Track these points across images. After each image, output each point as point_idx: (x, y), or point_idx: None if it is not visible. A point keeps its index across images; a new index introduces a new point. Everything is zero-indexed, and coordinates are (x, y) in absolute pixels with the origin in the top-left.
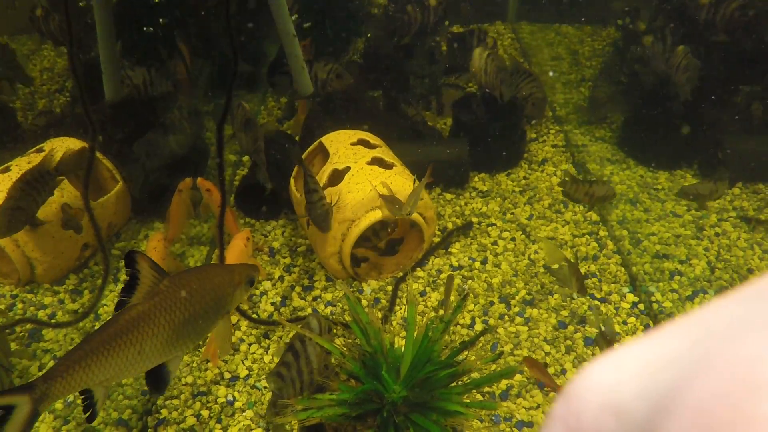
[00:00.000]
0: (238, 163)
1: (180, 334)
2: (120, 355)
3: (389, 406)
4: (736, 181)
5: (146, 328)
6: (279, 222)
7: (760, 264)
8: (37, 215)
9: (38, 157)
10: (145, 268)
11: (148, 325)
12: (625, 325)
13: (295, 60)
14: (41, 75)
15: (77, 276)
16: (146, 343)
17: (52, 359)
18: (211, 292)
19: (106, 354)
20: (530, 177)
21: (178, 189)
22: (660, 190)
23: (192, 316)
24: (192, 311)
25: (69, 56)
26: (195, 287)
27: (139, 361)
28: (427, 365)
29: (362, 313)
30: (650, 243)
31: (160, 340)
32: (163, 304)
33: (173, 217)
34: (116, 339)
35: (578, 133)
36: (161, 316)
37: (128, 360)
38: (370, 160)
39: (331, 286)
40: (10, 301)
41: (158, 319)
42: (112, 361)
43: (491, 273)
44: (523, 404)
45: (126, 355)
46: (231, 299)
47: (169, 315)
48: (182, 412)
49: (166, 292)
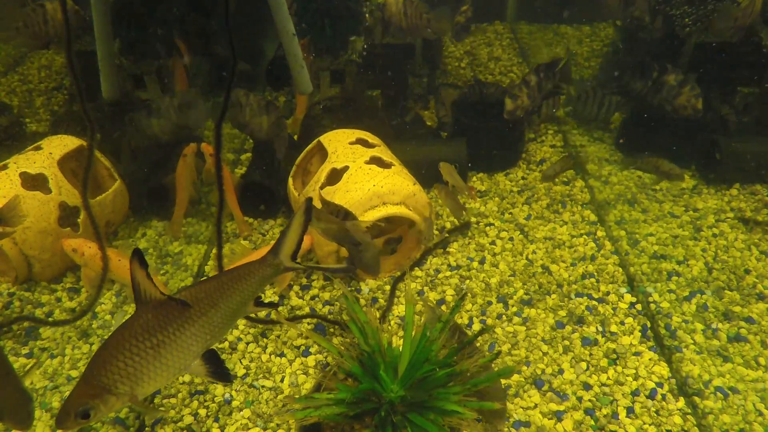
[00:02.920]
0: (237, 161)
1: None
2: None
3: (387, 406)
4: (734, 182)
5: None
6: (277, 221)
7: (758, 265)
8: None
9: (36, 154)
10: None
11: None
12: (623, 326)
13: (294, 59)
14: (39, 73)
15: (74, 274)
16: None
17: (49, 357)
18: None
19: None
20: (528, 177)
21: (183, 154)
22: (658, 191)
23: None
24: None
25: (67, 54)
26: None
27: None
28: (425, 365)
29: (360, 313)
30: (648, 243)
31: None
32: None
33: (179, 180)
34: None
35: (576, 134)
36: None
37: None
38: (369, 159)
39: (329, 285)
40: (7, 299)
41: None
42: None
43: (489, 273)
44: (520, 404)
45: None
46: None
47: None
48: (179, 411)
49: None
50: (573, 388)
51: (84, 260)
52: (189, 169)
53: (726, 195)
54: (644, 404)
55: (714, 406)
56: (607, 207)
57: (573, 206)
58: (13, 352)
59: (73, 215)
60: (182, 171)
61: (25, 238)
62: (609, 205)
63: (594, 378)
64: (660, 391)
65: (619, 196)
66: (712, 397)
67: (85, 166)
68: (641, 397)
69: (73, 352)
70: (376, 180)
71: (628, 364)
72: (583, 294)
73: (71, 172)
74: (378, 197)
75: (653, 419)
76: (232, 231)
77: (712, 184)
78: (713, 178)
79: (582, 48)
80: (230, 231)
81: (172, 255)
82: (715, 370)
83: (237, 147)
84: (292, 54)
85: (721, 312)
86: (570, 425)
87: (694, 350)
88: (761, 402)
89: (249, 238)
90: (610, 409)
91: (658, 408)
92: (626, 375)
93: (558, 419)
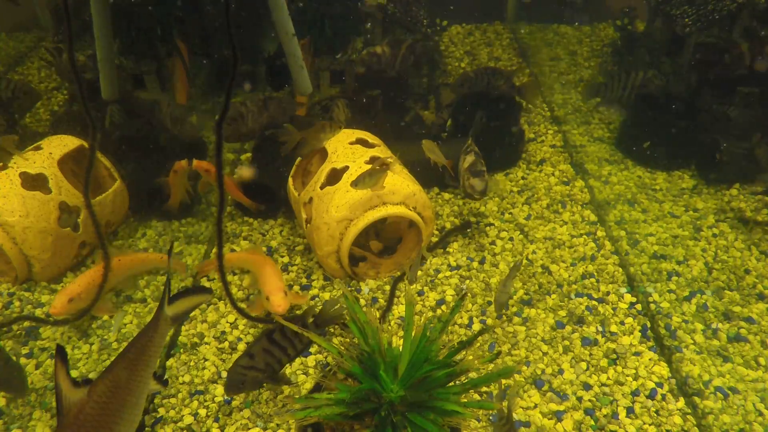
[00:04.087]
0: (237, 161)
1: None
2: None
3: (387, 406)
4: (734, 182)
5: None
6: (277, 221)
7: (758, 265)
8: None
9: (36, 154)
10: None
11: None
12: (623, 326)
13: (293, 59)
14: (39, 72)
15: (74, 274)
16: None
17: (49, 357)
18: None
19: None
20: (528, 177)
21: (173, 170)
22: (658, 191)
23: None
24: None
25: (69, 54)
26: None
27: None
28: (425, 365)
29: (360, 313)
30: (648, 243)
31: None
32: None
33: (172, 190)
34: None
35: (576, 134)
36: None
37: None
38: (369, 159)
39: (329, 285)
40: (7, 299)
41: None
42: None
43: (489, 273)
44: (520, 404)
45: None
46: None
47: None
48: (179, 411)
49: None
50: (573, 388)
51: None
52: (180, 181)
53: (726, 195)
54: (644, 404)
55: (714, 406)
56: (607, 207)
57: (573, 206)
58: (13, 352)
59: (73, 215)
60: (174, 182)
61: (25, 238)
62: (609, 205)
63: (594, 378)
64: (660, 391)
65: (619, 196)
66: (712, 397)
67: (87, 166)
68: (641, 397)
69: (73, 352)
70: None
71: (628, 364)
72: (583, 294)
73: (71, 172)
74: (378, 197)
75: (653, 419)
76: (232, 231)
77: (712, 184)
78: (713, 178)
79: (582, 48)
80: (230, 231)
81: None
82: (715, 370)
83: (237, 147)
84: (292, 54)
85: (721, 312)
86: (570, 425)
87: (694, 350)
88: (761, 402)
89: (249, 238)
90: (610, 409)
91: (658, 408)
92: (626, 375)
93: (558, 419)
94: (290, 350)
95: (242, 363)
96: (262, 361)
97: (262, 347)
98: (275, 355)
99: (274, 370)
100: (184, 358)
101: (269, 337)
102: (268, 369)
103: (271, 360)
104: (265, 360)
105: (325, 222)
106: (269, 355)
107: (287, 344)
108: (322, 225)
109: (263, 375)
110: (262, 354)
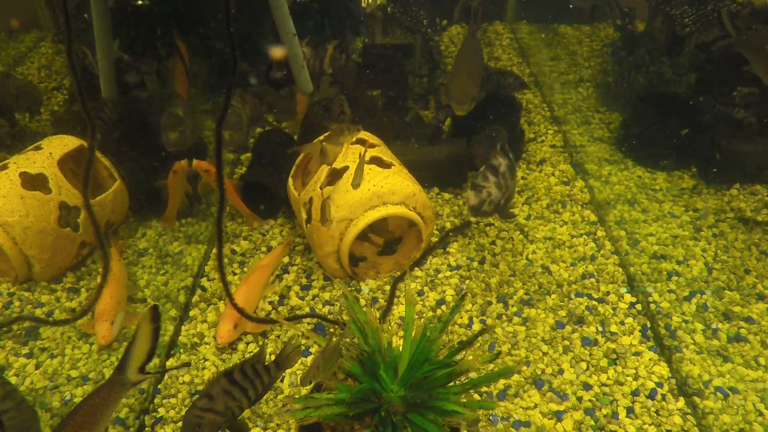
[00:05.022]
0: (237, 161)
1: None
2: None
3: (387, 406)
4: (734, 182)
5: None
6: (277, 221)
7: (758, 265)
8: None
9: (36, 154)
10: None
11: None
12: (623, 326)
13: (294, 59)
14: (39, 72)
15: (74, 274)
16: None
17: (49, 357)
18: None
19: None
20: (528, 177)
21: (173, 170)
22: (658, 191)
23: None
24: None
25: (68, 53)
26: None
27: None
28: (425, 365)
29: (360, 313)
30: (648, 243)
31: None
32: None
33: (171, 191)
34: None
35: (576, 134)
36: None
37: None
38: (369, 159)
39: (329, 285)
40: (7, 299)
41: None
42: None
43: (489, 273)
44: (520, 404)
45: None
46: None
47: None
48: (179, 411)
49: None
50: (573, 388)
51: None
52: (180, 182)
53: (726, 195)
54: (644, 404)
55: (714, 406)
56: (607, 207)
57: (573, 206)
58: (13, 352)
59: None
60: (173, 184)
61: (25, 238)
62: (609, 205)
63: (594, 378)
64: (660, 391)
65: (619, 196)
66: (712, 397)
67: (86, 166)
68: (641, 397)
69: (73, 352)
70: (376, 180)
71: (628, 364)
72: (583, 294)
73: (71, 172)
74: (378, 197)
75: (653, 419)
76: (232, 231)
77: (712, 184)
78: (713, 178)
79: (582, 48)
80: (230, 231)
81: (172, 255)
82: (715, 370)
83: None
84: (292, 54)
85: (721, 312)
86: (570, 425)
87: (694, 350)
88: (761, 402)
89: (249, 238)
90: (610, 409)
91: (658, 408)
92: (626, 375)
93: (558, 419)
94: (251, 392)
95: (200, 405)
96: (221, 403)
97: (222, 388)
98: (236, 398)
99: (234, 414)
100: (184, 358)
101: (229, 377)
102: (228, 412)
103: (231, 403)
104: (224, 402)
105: None
106: (230, 397)
107: (248, 386)
108: (322, 225)
109: (223, 419)
110: (222, 396)
